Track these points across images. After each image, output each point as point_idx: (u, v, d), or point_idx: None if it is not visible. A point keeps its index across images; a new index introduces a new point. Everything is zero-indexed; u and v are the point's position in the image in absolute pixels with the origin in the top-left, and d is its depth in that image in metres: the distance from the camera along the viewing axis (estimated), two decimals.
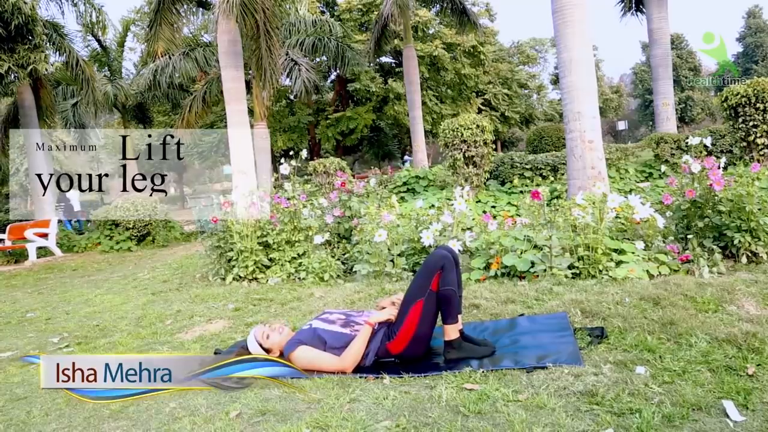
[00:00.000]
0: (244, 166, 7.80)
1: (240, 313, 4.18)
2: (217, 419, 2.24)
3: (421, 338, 2.68)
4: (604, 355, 2.48)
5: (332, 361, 2.61)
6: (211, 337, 3.61)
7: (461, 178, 9.63)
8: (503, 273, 4.29)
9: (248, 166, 7.93)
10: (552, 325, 2.96)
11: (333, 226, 6.07)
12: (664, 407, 1.95)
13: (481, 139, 9.49)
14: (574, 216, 4.29)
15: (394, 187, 11.52)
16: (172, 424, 2.24)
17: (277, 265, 5.41)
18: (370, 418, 2.12)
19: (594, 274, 3.95)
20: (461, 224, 5.01)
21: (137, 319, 4.38)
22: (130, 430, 2.25)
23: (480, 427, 1.95)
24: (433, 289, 2.61)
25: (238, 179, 7.52)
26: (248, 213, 5.55)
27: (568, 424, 1.92)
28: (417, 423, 2.03)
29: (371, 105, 25.28)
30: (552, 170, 10.53)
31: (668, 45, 12.67)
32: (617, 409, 1.97)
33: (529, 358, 2.53)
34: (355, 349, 2.62)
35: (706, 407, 1.94)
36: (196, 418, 2.26)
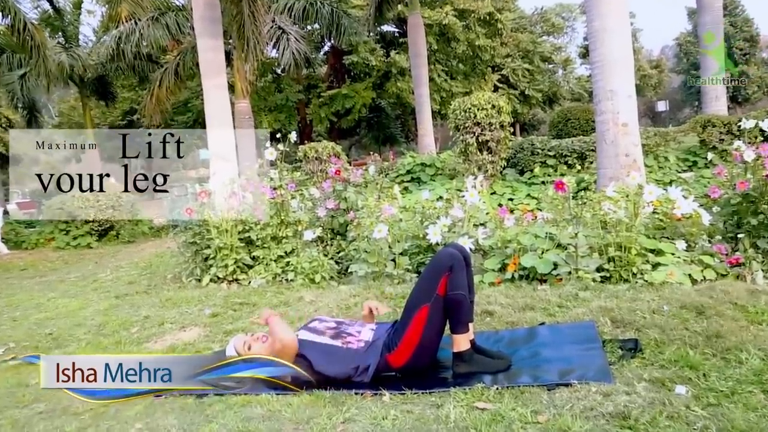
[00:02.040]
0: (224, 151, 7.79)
1: (218, 320, 4.19)
2: None
3: (426, 349, 2.68)
4: (638, 371, 2.48)
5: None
6: (185, 347, 3.61)
7: (474, 166, 9.61)
8: (521, 275, 4.28)
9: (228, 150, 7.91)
10: (577, 335, 2.95)
11: (326, 220, 6.07)
12: None
13: (498, 122, 9.47)
14: (604, 211, 4.29)
15: (397, 175, 11.51)
16: None
17: (262, 265, 5.40)
18: None
19: (627, 278, 3.94)
20: (473, 219, 5.00)
21: (98, 326, 4.38)
22: None
23: None
24: (440, 293, 2.61)
25: (216, 165, 7.50)
26: (228, 204, 5.55)
27: None
28: None
29: (371, 81, 25.23)
30: (579, 158, 10.51)
31: (720, 11, 12.47)
32: None
33: (551, 374, 2.52)
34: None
35: None
36: None
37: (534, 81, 32.19)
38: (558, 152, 10.68)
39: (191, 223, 5.68)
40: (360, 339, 2.77)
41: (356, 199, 5.99)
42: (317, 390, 2.57)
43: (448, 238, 4.68)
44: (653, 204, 4.27)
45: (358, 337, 2.78)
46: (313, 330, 2.86)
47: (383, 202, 5.21)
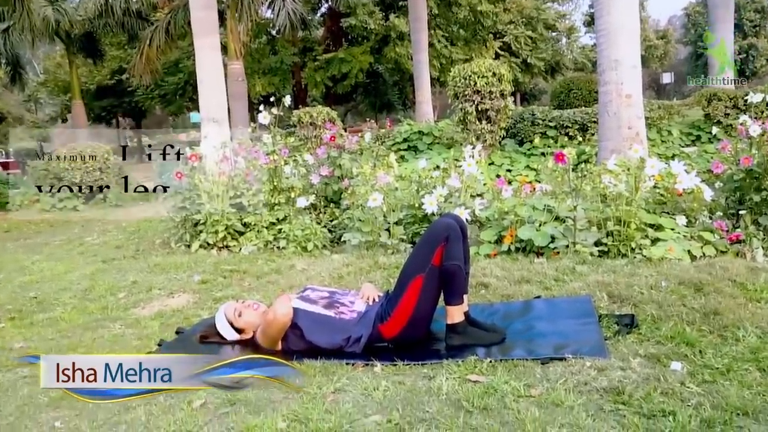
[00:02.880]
0: (216, 113, 7.70)
1: (207, 287, 4.19)
2: (178, 409, 2.26)
3: (420, 321, 2.69)
4: (633, 347, 2.50)
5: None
6: (173, 313, 3.62)
7: (472, 135, 9.57)
8: (518, 248, 4.30)
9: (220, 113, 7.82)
10: (573, 310, 2.97)
11: (319, 187, 6.04)
12: (703, 410, 1.97)
13: (498, 90, 9.40)
14: (604, 184, 4.28)
15: (393, 143, 11.45)
16: (123, 415, 2.26)
17: (253, 232, 5.40)
18: (357, 411, 2.14)
19: (625, 253, 3.96)
20: (470, 189, 4.99)
21: (84, 291, 4.38)
22: (72, 421, 2.27)
23: (485, 426, 1.97)
24: (436, 263, 2.61)
25: (208, 128, 7.43)
26: (219, 169, 5.51)
27: (588, 425, 1.93)
28: (412, 418, 2.05)
29: (368, 45, 24.91)
30: (580, 129, 10.47)
31: None
32: (647, 411, 1.99)
33: (545, 348, 2.54)
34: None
35: (754, 412, 1.95)
36: (152, 407, 2.28)
37: (537, 49, 31.85)
38: (559, 123, 10.63)
39: (181, 187, 5.66)
40: (353, 309, 2.78)
41: (351, 167, 5.95)
42: (308, 359, 2.58)
43: (444, 209, 4.67)
44: (655, 178, 4.26)
45: (350, 308, 2.79)
46: (306, 299, 2.87)
47: (379, 171, 5.18)
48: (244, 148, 5.87)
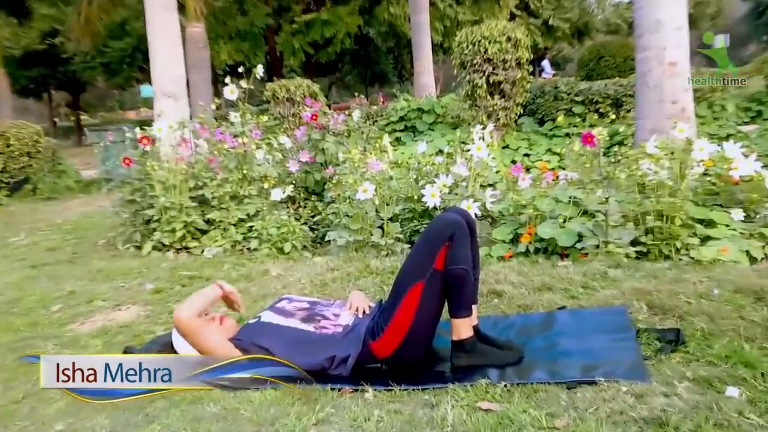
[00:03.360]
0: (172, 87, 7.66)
1: (162, 297, 4.18)
2: None
3: (420, 336, 2.69)
4: (679, 368, 2.50)
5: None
6: (120, 329, 3.61)
7: (483, 112, 9.57)
8: (538, 249, 4.31)
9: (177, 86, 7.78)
10: (605, 323, 2.98)
11: (298, 176, 6.04)
12: None
13: (513, 58, 9.40)
14: (642, 171, 4.29)
15: (387, 123, 11.44)
16: None
17: (218, 230, 5.40)
18: None
19: (668, 254, 3.98)
20: (480, 178, 5.00)
21: (8, 303, 4.36)
22: None
23: None
24: (438, 267, 2.61)
25: (162, 104, 7.39)
26: (177, 154, 5.50)
27: None
28: None
29: (357, 5, 24.85)
30: (613, 104, 10.49)
31: None
32: None
33: (572, 369, 2.54)
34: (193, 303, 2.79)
35: None
36: None
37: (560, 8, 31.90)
38: (587, 97, 10.64)
39: (130, 176, 5.63)
40: (338, 323, 2.77)
41: (336, 151, 5.95)
42: (284, 384, 2.58)
43: (448, 201, 4.68)
44: (704, 163, 4.27)
45: (335, 321, 2.78)
46: (280, 311, 2.85)
47: (370, 156, 5.18)
48: (206, 129, 5.85)
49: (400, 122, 11.43)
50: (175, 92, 7.62)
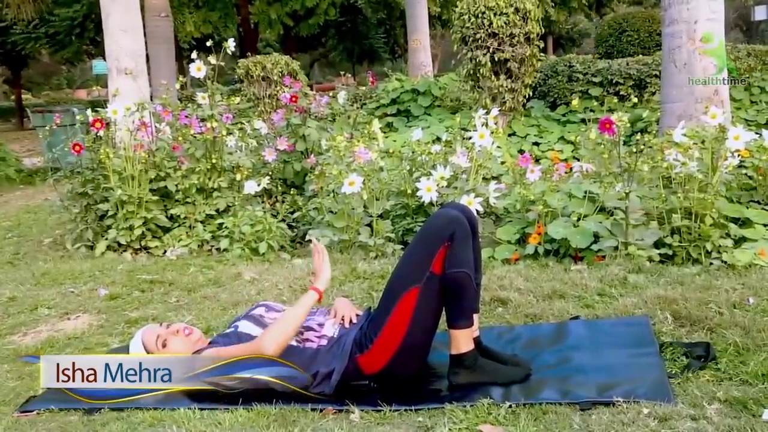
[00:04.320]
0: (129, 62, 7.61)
1: (118, 304, 4.16)
2: None
3: (414, 350, 2.69)
4: (709, 388, 2.50)
5: (246, 348, 2.67)
6: (68, 341, 3.59)
7: (486, 95, 9.57)
8: (548, 250, 4.31)
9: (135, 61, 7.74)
10: (625, 335, 2.98)
11: (276, 166, 6.02)
12: None
13: (522, 33, 9.39)
14: (668, 162, 4.31)
15: (378, 106, 11.42)
16: None
17: (183, 228, 5.39)
18: None
19: (697, 258, 3.99)
20: (483, 170, 5.00)
21: None
22: None
23: None
24: (436, 271, 2.61)
25: (118, 83, 7.34)
26: (136, 140, 5.47)
27: None
28: None
29: None
30: (636, 86, 10.50)
31: None
32: None
33: (586, 388, 2.55)
34: (288, 321, 2.69)
35: None
36: None
37: None
38: (606, 78, 10.64)
39: (81, 165, 5.60)
40: (321, 334, 2.77)
41: (319, 138, 5.94)
42: (258, 403, 2.58)
43: (446, 197, 4.68)
44: (740, 154, 4.29)
45: (319, 332, 2.78)
46: (257, 321, 2.85)
47: (357, 144, 5.18)
48: (169, 112, 5.82)
49: (392, 105, 11.40)
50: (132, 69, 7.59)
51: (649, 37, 14.88)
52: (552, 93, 10.81)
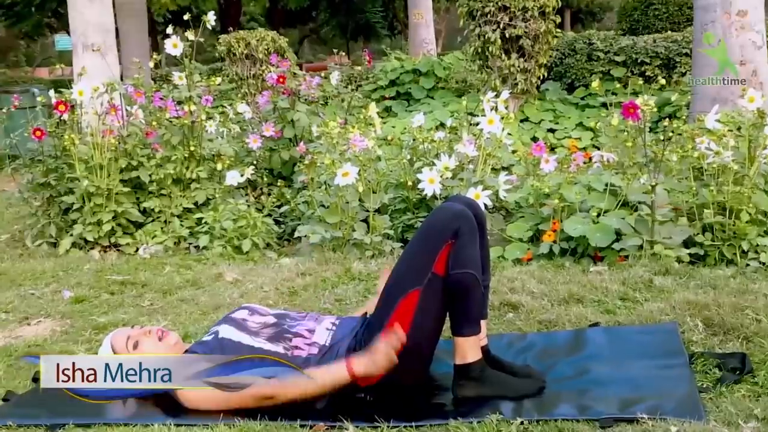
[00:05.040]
0: (96, 37, 7.62)
1: (84, 308, 4.14)
2: None
3: (415, 359, 2.68)
4: (745, 404, 2.49)
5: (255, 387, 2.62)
6: (29, 349, 3.55)
7: (496, 76, 9.57)
8: (564, 249, 4.32)
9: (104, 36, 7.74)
10: (650, 345, 2.98)
11: (261, 155, 6.02)
12: None
13: (536, 6, 9.39)
14: (700, 151, 4.30)
15: (375, 88, 11.43)
16: None
17: (157, 223, 5.38)
18: None
19: (732, 258, 3.98)
20: (492, 160, 5.00)
21: None
22: None
23: None
24: (439, 272, 2.60)
25: (84, 60, 7.34)
26: (104, 125, 5.45)
27: None
28: None
29: None
30: (664, 66, 10.51)
31: None
32: None
33: (607, 403, 2.54)
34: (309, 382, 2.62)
35: None
36: None
37: None
38: (630, 57, 10.65)
39: (42, 152, 5.58)
40: (312, 341, 2.75)
41: (310, 124, 5.94)
42: (242, 419, 2.58)
43: (451, 189, 4.68)
44: None
45: (309, 339, 2.76)
46: (241, 326, 2.84)
47: (352, 130, 5.17)
48: (142, 94, 5.81)
49: (391, 87, 11.42)
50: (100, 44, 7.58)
51: (679, 11, 14.88)
52: (569, 74, 10.82)
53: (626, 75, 10.45)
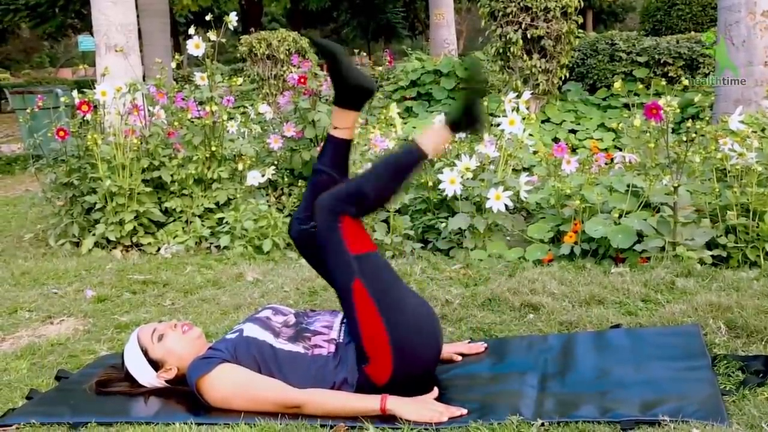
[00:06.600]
0: (119, 38, 7.67)
1: (107, 307, 4.16)
2: None
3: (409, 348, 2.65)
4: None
5: (284, 393, 2.62)
6: (51, 348, 3.59)
7: (517, 76, 9.55)
8: (585, 251, 4.30)
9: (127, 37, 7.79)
10: (672, 347, 2.96)
11: (282, 155, 6.03)
12: None
13: (558, 6, 9.36)
14: (723, 153, 4.28)
15: (396, 89, 11.41)
16: None
17: (179, 223, 5.40)
18: None
19: (755, 261, 3.96)
20: (513, 161, 4.99)
21: None
22: None
23: None
24: (356, 251, 2.66)
25: (107, 61, 7.38)
26: (126, 125, 5.47)
27: None
28: None
29: None
30: (687, 67, 10.46)
31: None
32: None
33: (628, 405, 2.52)
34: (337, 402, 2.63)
35: None
36: None
37: None
38: (653, 57, 10.60)
39: (66, 152, 5.62)
40: (330, 338, 2.75)
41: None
42: (262, 418, 2.58)
43: (471, 190, 4.67)
44: None
45: (327, 335, 2.76)
46: (265, 325, 2.84)
47: (373, 131, 5.18)
48: (164, 94, 5.83)
49: (412, 88, 11.41)
50: (123, 45, 7.61)
51: (703, 11, 14.82)
52: (591, 74, 10.78)
53: (649, 76, 10.41)
